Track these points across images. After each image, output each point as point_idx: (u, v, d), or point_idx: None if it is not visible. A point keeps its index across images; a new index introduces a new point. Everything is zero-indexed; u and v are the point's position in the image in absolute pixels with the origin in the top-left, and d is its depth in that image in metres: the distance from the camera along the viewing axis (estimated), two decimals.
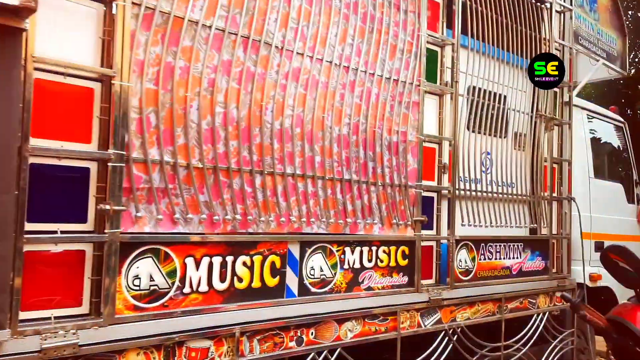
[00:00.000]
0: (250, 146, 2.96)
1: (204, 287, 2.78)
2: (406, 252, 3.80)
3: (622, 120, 6.84)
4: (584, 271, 5.37)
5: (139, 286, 2.56)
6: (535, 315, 4.88)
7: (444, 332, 4.00)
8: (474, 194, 4.36)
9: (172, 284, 2.67)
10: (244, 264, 2.95)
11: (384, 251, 3.66)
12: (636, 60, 16.56)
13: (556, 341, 5.06)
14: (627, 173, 6.93)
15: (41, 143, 2.30)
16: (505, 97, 4.76)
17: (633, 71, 16.47)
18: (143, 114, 2.56)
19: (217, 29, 2.84)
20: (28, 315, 2.28)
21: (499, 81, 4.63)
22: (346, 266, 3.45)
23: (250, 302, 2.95)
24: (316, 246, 3.28)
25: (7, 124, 2.06)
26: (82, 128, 2.45)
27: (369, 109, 3.56)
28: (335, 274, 3.38)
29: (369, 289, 3.57)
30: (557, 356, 5.04)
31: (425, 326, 3.89)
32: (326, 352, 3.27)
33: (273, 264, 3.07)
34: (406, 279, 3.79)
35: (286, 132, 3.13)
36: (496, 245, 4.55)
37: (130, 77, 2.51)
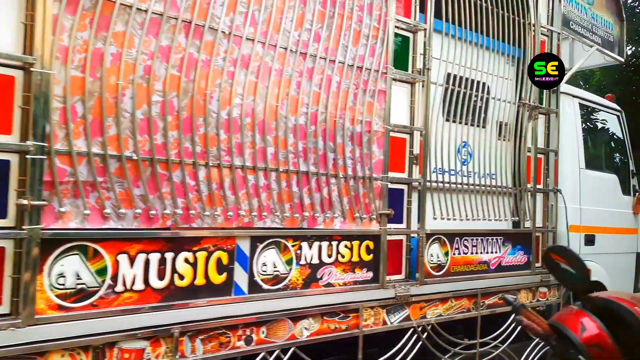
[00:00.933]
0: (193, 137, 2.79)
1: (139, 285, 2.63)
2: (371, 246, 3.62)
3: (618, 108, 6.57)
4: None
5: (64, 285, 2.42)
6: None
7: (412, 329, 3.82)
8: (450, 186, 4.16)
9: (103, 282, 2.52)
10: (186, 260, 2.80)
11: (345, 246, 3.49)
12: None
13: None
14: (623, 164, 6.66)
15: None
16: (486, 85, 4.54)
17: None
18: (67, 103, 2.40)
19: (154, 13, 2.66)
20: None
21: (479, 68, 4.41)
22: (303, 262, 3.28)
23: (192, 301, 2.80)
24: (269, 241, 3.12)
25: None
26: (2, 118, 2.30)
27: (329, 97, 3.37)
28: (291, 270, 3.22)
29: (329, 285, 3.41)
30: (539, 354, 4.83)
31: (391, 323, 3.72)
32: (278, 351, 3.11)
33: (219, 260, 2.91)
34: (371, 274, 3.62)
35: (234, 122, 2.96)
36: (472, 240, 4.36)
37: (52, 64, 2.35)
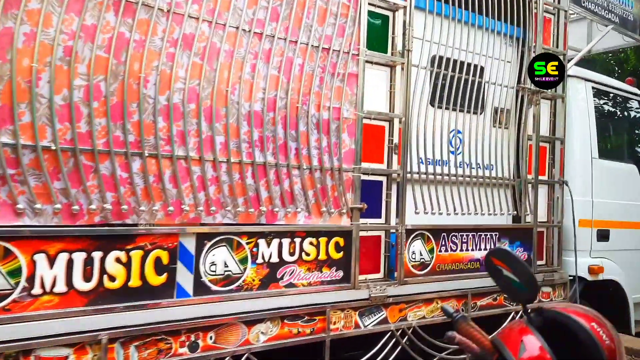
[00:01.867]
0: (125, 124, 2.52)
1: (61, 288, 2.39)
2: (341, 243, 3.31)
3: (639, 93, 6.03)
4: (576, 263, 4.73)
5: None
6: (514, 313, 4.30)
7: (390, 333, 3.50)
8: (437, 177, 3.80)
9: (16, 284, 2.29)
10: (118, 260, 2.54)
11: (310, 243, 3.19)
12: None
13: None
14: None
15: None
16: (482, 68, 4.14)
17: None
18: None
19: None
20: None
21: (472, 50, 4.01)
22: (260, 260, 2.99)
23: (125, 304, 2.54)
24: (218, 239, 2.84)
25: None
26: None
27: (290, 82, 3.05)
28: (245, 269, 2.94)
29: (291, 285, 3.11)
30: None
31: (365, 326, 3.41)
32: (229, 358, 2.83)
33: (158, 259, 2.65)
34: (340, 273, 3.31)
35: (175, 108, 2.68)
36: (463, 235, 3.99)
37: None
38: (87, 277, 2.46)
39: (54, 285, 2.38)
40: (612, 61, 13.64)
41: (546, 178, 4.71)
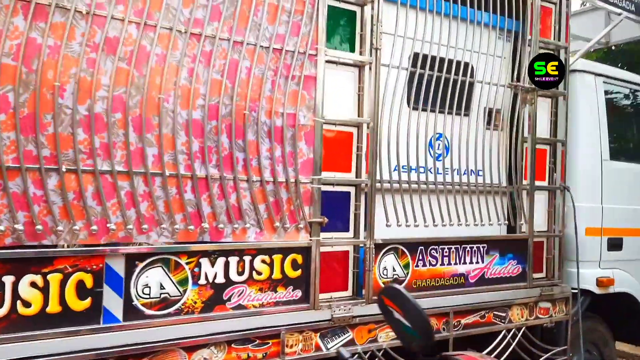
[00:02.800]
0: (38, 138, 2.30)
1: None
2: (298, 261, 3.03)
3: None
4: (578, 275, 4.32)
5: None
6: (505, 331, 3.93)
7: (356, 355, 3.20)
8: (411, 186, 3.48)
9: None
10: (33, 284, 2.32)
11: (263, 261, 2.92)
12: None
13: None
14: None
15: None
16: (470, 65, 3.79)
17: None
18: None
19: None
20: None
21: (459, 46, 3.68)
22: (202, 281, 2.75)
23: (43, 332, 2.32)
24: (152, 259, 2.60)
25: None
26: None
27: (235, 87, 2.79)
28: (185, 291, 2.69)
29: (240, 307, 2.86)
30: None
31: (327, 349, 3.12)
32: None
33: (81, 283, 2.43)
34: (298, 293, 3.03)
35: (98, 118, 2.45)
36: (443, 249, 3.66)
37: None
38: None
39: None
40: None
41: (546, 184, 4.32)
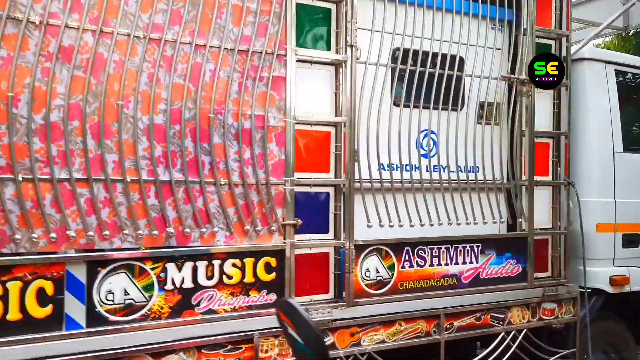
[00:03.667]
0: None
1: None
2: (272, 264, 2.95)
3: None
4: (585, 274, 4.08)
5: None
6: (504, 334, 3.74)
7: None
8: (399, 185, 3.36)
9: None
10: None
11: (233, 265, 2.86)
12: None
13: None
14: None
15: None
16: (460, 58, 3.62)
17: None
18: None
19: None
20: None
21: (446, 39, 3.53)
22: (169, 287, 2.70)
23: (3, 339, 2.33)
24: (115, 265, 2.58)
25: None
26: None
27: (199, 90, 2.73)
28: (151, 296, 2.66)
29: (210, 312, 2.80)
30: None
31: None
32: None
33: (41, 290, 2.42)
34: (274, 296, 2.95)
35: (55, 126, 2.44)
36: (432, 249, 3.50)
37: None
38: None
39: None
40: None
41: (550, 179, 4.09)
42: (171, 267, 2.70)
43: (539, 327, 3.96)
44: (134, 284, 2.62)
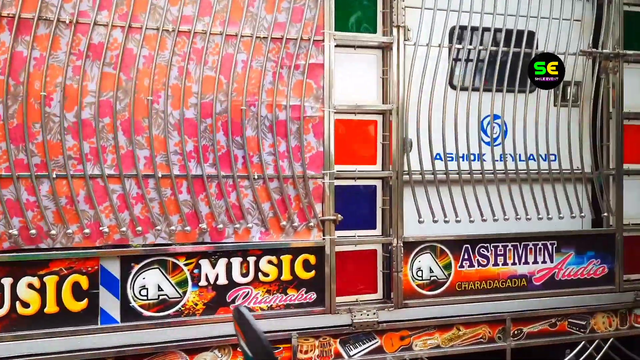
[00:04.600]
0: (27, 146, 2.34)
1: None
2: (311, 261, 2.78)
3: None
4: None
5: None
6: (586, 343, 3.27)
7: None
8: (456, 176, 3.04)
9: None
10: (30, 286, 2.38)
11: (269, 262, 2.72)
12: None
13: None
14: None
15: None
16: (530, 32, 3.19)
17: None
18: None
19: None
20: None
21: (514, 13, 3.11)
22: (203, 283, 2.63)
23: (41, 331, 2.38)
24: (148, 260, 2.54)
25: None
26: None
27: (231, 82, 2.61)
28: (185, 293, 2.60)
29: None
30: None
31: (350, 357, 2.84)
32: None
33: (77, 284, 2.45)
34: (313, 295, 2.78)
35: (86, 124, 2.43)
36: (497, 247, 3.12)
37: None
38: None
39: None
40: None
41: None
42: (205, 263, 2.62)
43: (630, 336, 3.41)
44: (168, 279, 2.57)
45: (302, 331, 2.73)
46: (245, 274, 2.68)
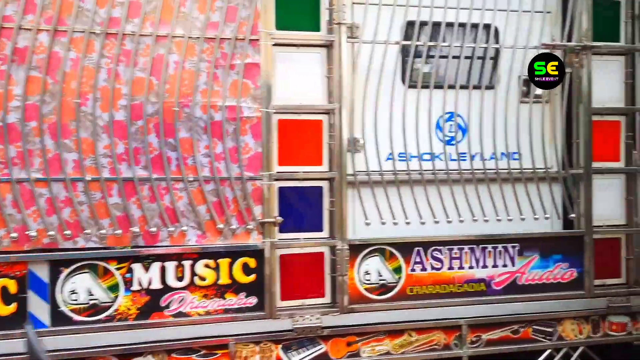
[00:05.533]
0: None
1: None
2: (250, 265, 2.65)
3: None
4: None
5: None
6: (552, 351, 3.04)
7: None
8: (416, 177, 2.88)
9: None
10: None
11: (206, 265, 2.60)
12: None
13: None
14: None
15: None
16: (495, 28, 3.01)
17: None
18: None
19: None
20: None
21: (473, 6, 2.93)
22: (136, 287, 2.53)
23: None
24: (78, 265, 2.45)
25: None
26: None
27: (162, 83, 2.51)
28: (117, 297, 2.50)
29: (181, 315, 2.58)
30: None
31: None
32: None
33: (5, 289, 2.37)
34: (254, 300, 2.65)
35: (12, 128, 2.37)
36: (451, 250, 2.93)
37: None
38: None
39: None
40: None
41: (622, 165, 3.23)
42: (137, 267, 2.52)
43: (604, 344, 3.15)
44: (98, 284, 2.48)
45: (240, 337, 2.60)
46: (180, 278, 2.57)
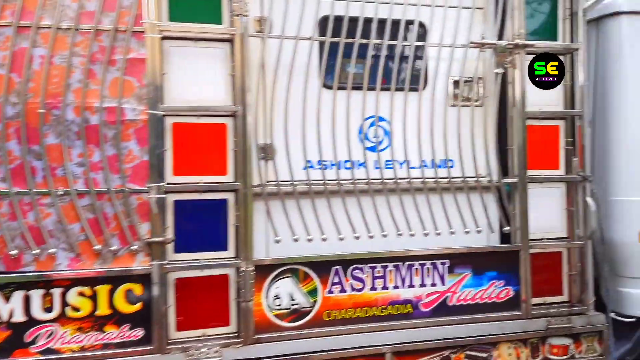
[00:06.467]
0: None
1: None
2: (136, 291, 2.22)
3: None
4: (602, 296, 2.88)
5: None
6: None
7: None
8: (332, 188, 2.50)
9: None
10: None
11: (80, 294, 2.16)
12: None
13: None
14: None
15: None
16: (420, 23, 2.66)
17: None
18: None
19: None
20: None
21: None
22: None
23: None
24: None
25: None
26: None
27: (25, 80, 2.08)
28: None
29: (49, 351, 2.13)
30: None
31: None
32: None
33: None
34: (140, 332, 2.22)
35: None
36: (374, 268, 2.55)
37: None
38: None
39: None
40: None
41: (562, 173, 2.91)
42: None
43: None
44: None
45: None
46: (48, 309, 2.12)
